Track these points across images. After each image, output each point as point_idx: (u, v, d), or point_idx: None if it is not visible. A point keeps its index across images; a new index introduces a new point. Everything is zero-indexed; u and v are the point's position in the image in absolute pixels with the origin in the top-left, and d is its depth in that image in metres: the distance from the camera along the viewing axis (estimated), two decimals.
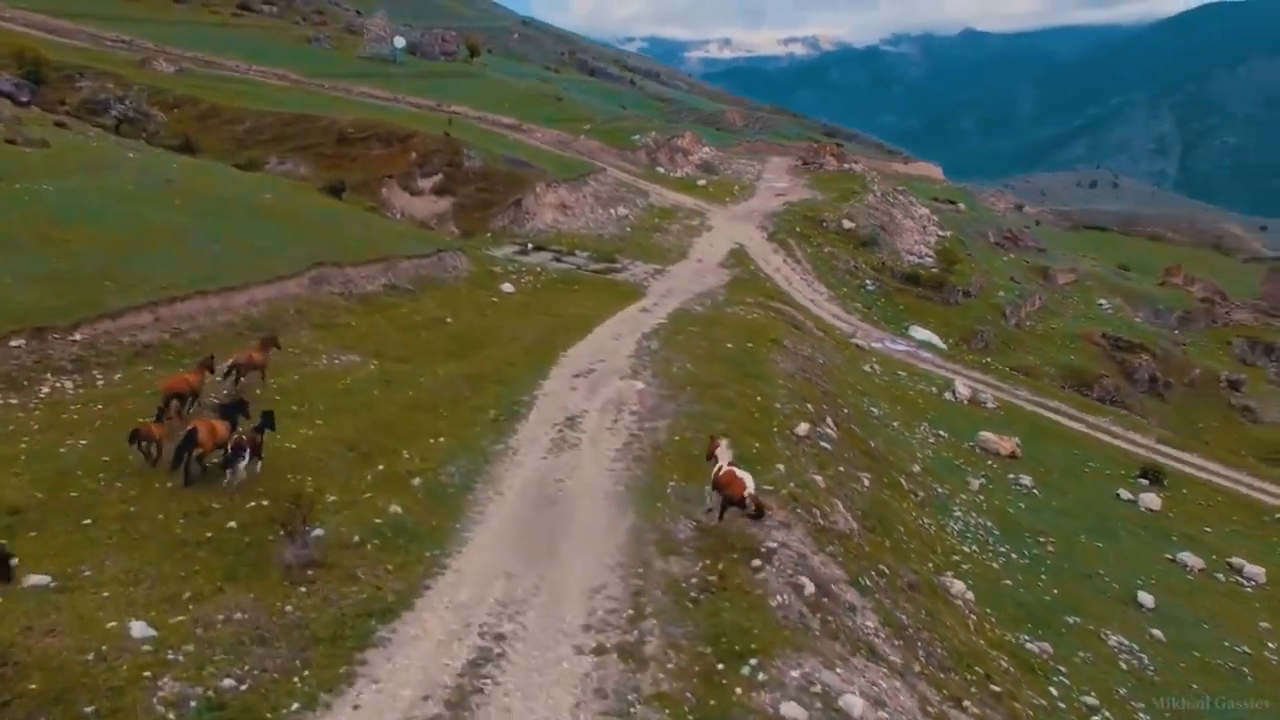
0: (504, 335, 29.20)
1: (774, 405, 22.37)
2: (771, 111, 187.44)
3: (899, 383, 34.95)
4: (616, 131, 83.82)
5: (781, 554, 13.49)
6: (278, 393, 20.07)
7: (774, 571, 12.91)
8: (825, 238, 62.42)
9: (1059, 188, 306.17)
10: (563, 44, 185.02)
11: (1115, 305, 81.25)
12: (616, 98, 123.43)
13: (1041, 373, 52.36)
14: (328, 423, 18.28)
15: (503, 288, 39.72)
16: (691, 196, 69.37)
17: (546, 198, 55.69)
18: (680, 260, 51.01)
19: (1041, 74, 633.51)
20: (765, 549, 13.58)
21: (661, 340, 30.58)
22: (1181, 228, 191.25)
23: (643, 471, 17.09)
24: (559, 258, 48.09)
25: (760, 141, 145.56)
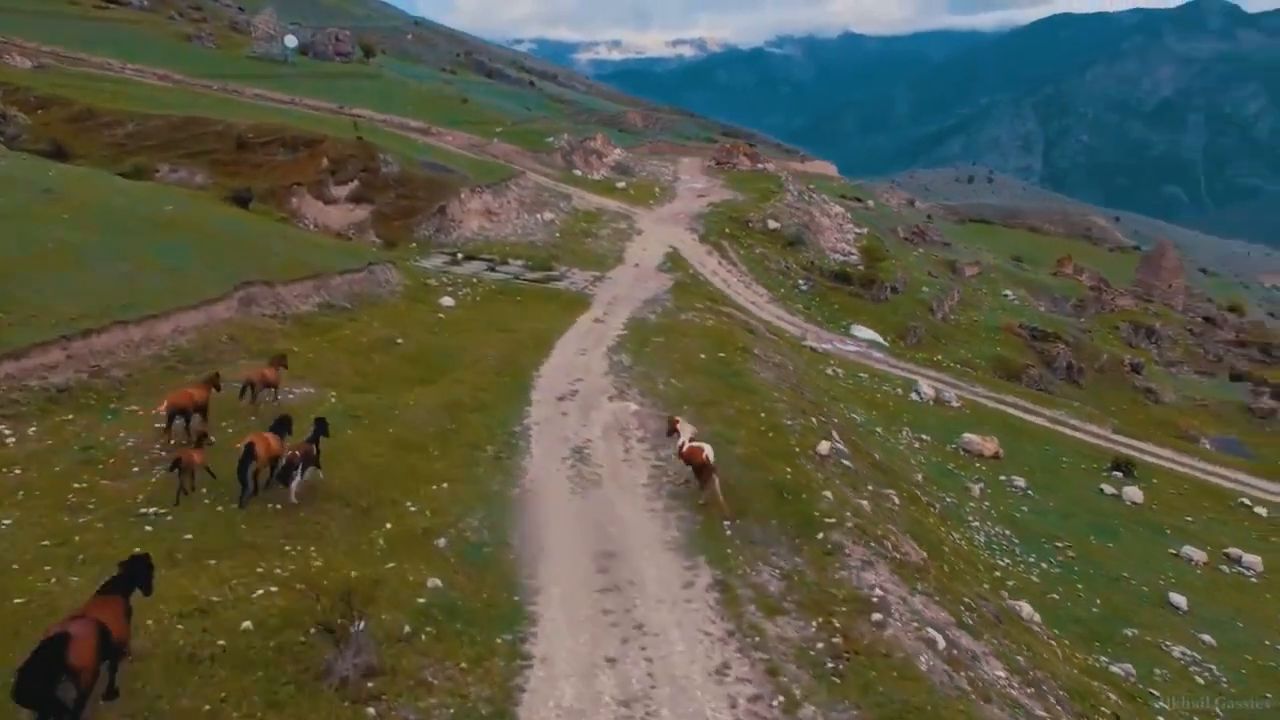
0: (464, 356, 26.84)
1: (782, 422, 21.10)
2: (670, 112, 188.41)
3: (865, 386, 34.48)
4: (529, 134, 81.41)
5: (894, 603, 12.12)
6: (236, 439, 17.29)
7: (899, 626, 11.54)
8: (754, 238, 62.11)
9: (940, 183, 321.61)
10: (457, 45, 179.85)
11: (1020, 296, 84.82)
12: (519, 99, 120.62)
13: (975, 365, 53.50)
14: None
15: (442, 302, 37.10)
16: (614, 199, 67.86)
17: (471, 204, 52.96)
18: (617, 265, 49.38)
19: (916, 76, 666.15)
20: (876, 598, 12.19)
21: (631, 354, 28.94)
22: (1056, 220, 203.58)
23: (688, 510, 15.42)
24: (493, 267, 45.64)
25: (662, 142, 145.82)
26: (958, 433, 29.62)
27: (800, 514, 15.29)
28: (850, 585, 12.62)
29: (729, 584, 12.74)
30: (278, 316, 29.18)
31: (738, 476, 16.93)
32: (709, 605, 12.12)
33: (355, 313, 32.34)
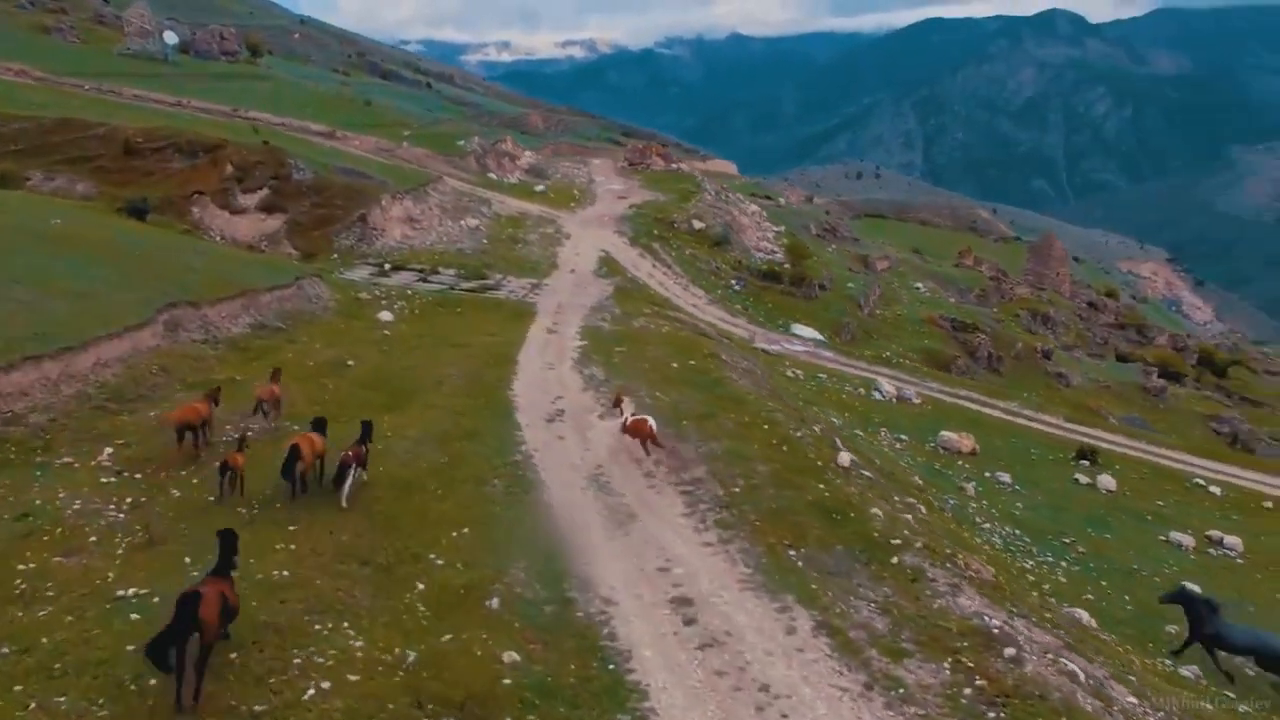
0: (425, 377, 24.72)
1: (789, 433, 20.16)
2: (569, 113, 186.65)
3: (827, 387, 34.15)
4: (438, 137, 78.30)
5: (1014, 634, 11.24)
6: (210, 491, 14.97)
7: (1034, 660, 10.66)
8: (682, 239, 61.39)
9: (830, 180, 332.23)
10: (348, 45, 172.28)
11: (930, 288, 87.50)
12: (420, 102, 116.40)
13: (908, 359, 54.48)
14: (302, 524, 13.65)
15: (381, 317, 34.58)
16: (535, 203, 65.88)
17: (393, 211, 50.02)
18: (553, 272, 47.63)
19: (802, 76, 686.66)
20: (995, 629, 11.29)
21: (601, 366, 27.50)
22: (944, 213, 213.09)
23: (747, 541, 14.20)
24: (425, 278, 43.10)
25: (564, 144, 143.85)
26: (932, 431, 29.57)
27: (860, 536, 14.36)
28: (955, 615, 11.75)
29: (835, 626, 11.62)
30: (209, 341, 26.24)
31: (774, 497, 15.87)
32: (826, 653, 10.97)
33: (291, 333, 29.58)
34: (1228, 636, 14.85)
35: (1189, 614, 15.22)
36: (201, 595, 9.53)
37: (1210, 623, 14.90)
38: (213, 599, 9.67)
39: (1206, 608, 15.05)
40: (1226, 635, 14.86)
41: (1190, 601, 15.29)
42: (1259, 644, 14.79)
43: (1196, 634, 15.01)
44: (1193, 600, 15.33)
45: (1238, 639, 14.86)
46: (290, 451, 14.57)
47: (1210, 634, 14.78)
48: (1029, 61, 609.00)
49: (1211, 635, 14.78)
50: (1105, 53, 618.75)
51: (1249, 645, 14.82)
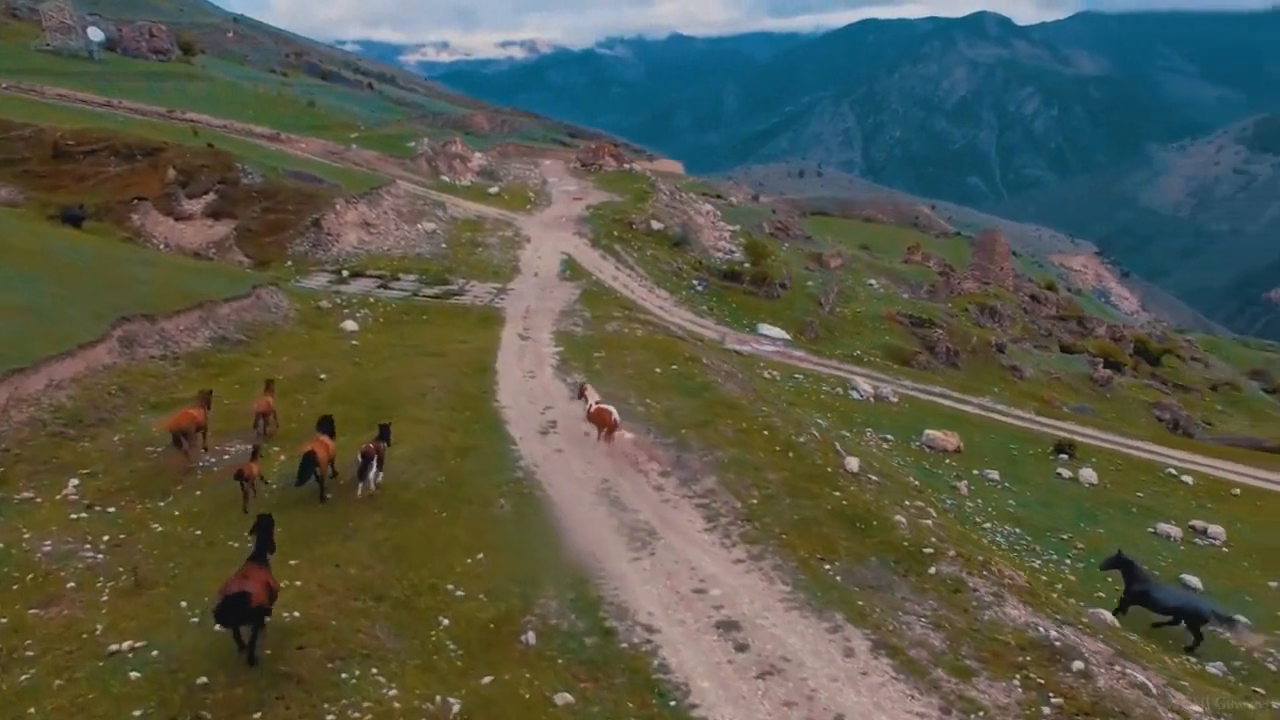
0: (404, 389, 23.63)
1: (792, 439, 19.74)
2: (514, 114, 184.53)
3: (805, 387, 33.92)
4: (388, 139, 76.32)
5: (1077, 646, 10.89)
6: (195, 524, 13.82)
7: (1103, 673, 10.31)
8: (641, 240, 60.80)
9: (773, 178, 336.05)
10: (284, 45, 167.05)
11: (883, 285, 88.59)
12: (363, 103, 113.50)
13: (872, 355, 54.87)
14: (305, 559, 12.63)
15: (345, 326, 33.23)
16: (491, 206, 64.60)
17: (347, 216, 48.29)
18: (516, 275, 46.59)
19: (743, 75, 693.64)
20: (1056, 642, 10.94)
21: (583, 373, 26.73)
22: (887, 210, 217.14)
23: (779, 557, 13.65)
24: (385, 284, 41.67)
25: (510, 145, 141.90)
26: (914, 430, 29.53)
27: (891, 546, 13.97)
28: (1008, 627, 11.41)
29: (892, 645, 11.15)
30: (168, 357, 24.68)
31: (794, 508, 15.39)
32: (892, 676, 10.48)
33: (254, 346, 28.11)
34: (1159, 597, 16.12)
35: (1126, 577, 16.49)
36: (250, 594, 10.21)
37: (1139, 584, 16.21)
38: (260, 591, 10.41)
39: (1133, 570, 16.35)
40: (1157, 596, 16.14)
41: (1127, 565, 16.51)
42: (1186, 605, 16.11)
43: (1130, 594, 16.23)
44: (1129, 564, 16.54)
45: (1167, 600, 16.14)
46: (306, 457, 14.87)
47: (1139, 592, 16.05)
48: (961, 61, 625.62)
49: (1140, 594, 16.04)
50: (1032, 54, 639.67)
51: (1177, 606, 16.07)
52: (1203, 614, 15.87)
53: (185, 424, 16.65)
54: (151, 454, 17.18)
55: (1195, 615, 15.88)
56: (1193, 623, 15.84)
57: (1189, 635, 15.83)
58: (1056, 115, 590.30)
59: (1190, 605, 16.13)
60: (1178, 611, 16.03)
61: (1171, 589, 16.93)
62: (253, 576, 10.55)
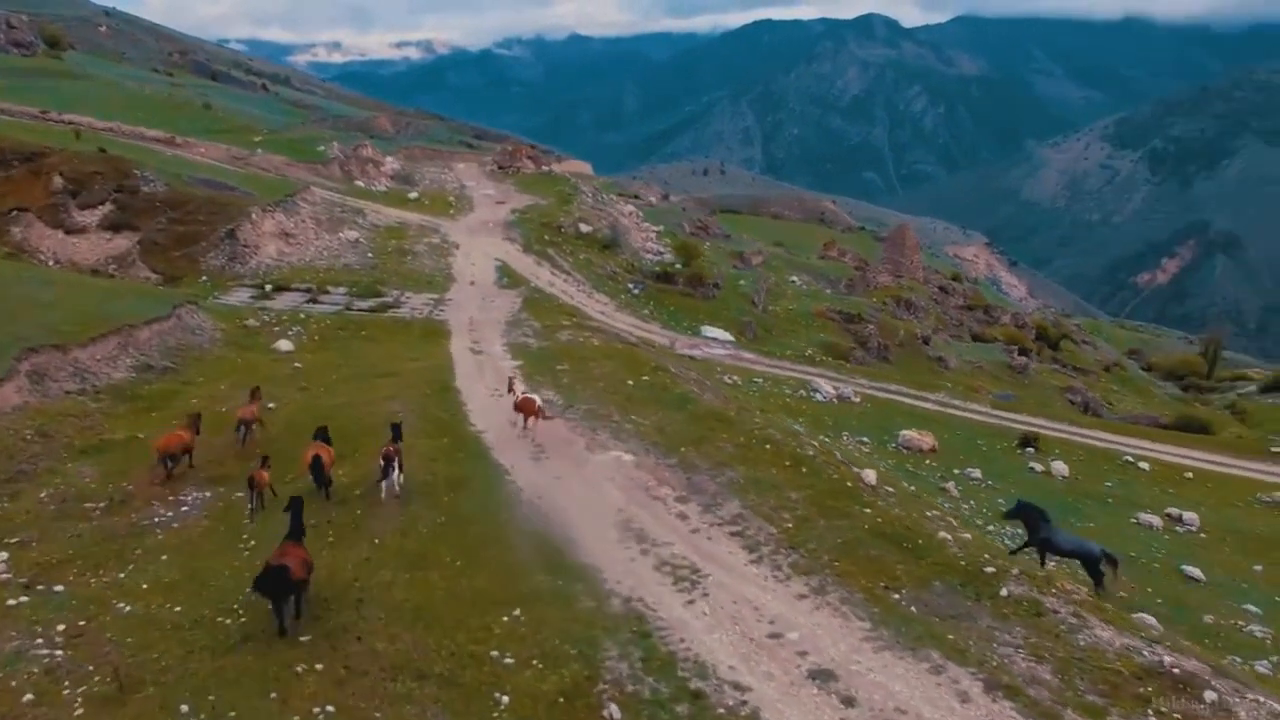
0: (366, 416, 21.65)
1: (800, 452, 18.89)
2: (418, 116, 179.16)
3: (768, 391, 33.32)
4: (295, 143, 72.10)
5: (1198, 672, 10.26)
6: (171, 598, 11.75)
7: (1240, 703, 9.69)
8: (572, 244, 59.27)
9: (678, 177, 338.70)
10: (165, 41, 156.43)
11: (805, 281, 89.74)
12: (261, 104, 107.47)
13: (810, 353, 55.09)
14: (317, 633, 10.84)
15: (279, 347, 30.62)
16: (412, 212, 61.77)
17: (265, 226, 44.95)
18: (451, 285, 44.40)
19: (642, 75, 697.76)
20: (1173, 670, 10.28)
21: (553, 388, 25.30)
22: (793, 206, 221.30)
23: (842, 588, 12.69)
24: (314, 298, 38.89)
25: (417, 148, 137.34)
26: (886, 430, 29.31)
27: (949, 567, 13.24)
28: (1109, 651, 10.79)
29: (1006, 684, 10.29)
30: (87, 392, 21.85)
31: (831, 530, 14.47)
32: None
33: (184, 373, 25.40)
34: (1057, 542, 17.06)
35: (1027, 524, 17.34)
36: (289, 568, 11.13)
37: (1043, 530, 16.95)
38: (298, 567, 11.35)
39: (1041, 518, 17.15)
40: (1056, 540, 17.05)
41: (1029, 512, 17.40)
42: (1081, 549, 17.08)
43: (1033, 540, 17.03)
44: (1030, 511, 17.42)
45: (1064, 544, 17.12)
46: (314, 462, 15.83)
47: (1043, 539, 16.81)
48: (853, 61, 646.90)
49: (1044, 541, 16.80)
50: (918, 54, 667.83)
51: (1073, 550, 17.12)
52: (1095, 555, 16.71)
53: (173, 446, 16.69)
54: (93, 512, 14.81)
55: (1088, 557, 16.76)
56: (1088, 564, 16.78)
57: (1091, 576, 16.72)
58: (943, 113, 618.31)
59: (1083, 549, 17.02)
60: (1074, 554, 17.09)
61: (1066, 534, 17.79)
62: (290, 553, 11.49)
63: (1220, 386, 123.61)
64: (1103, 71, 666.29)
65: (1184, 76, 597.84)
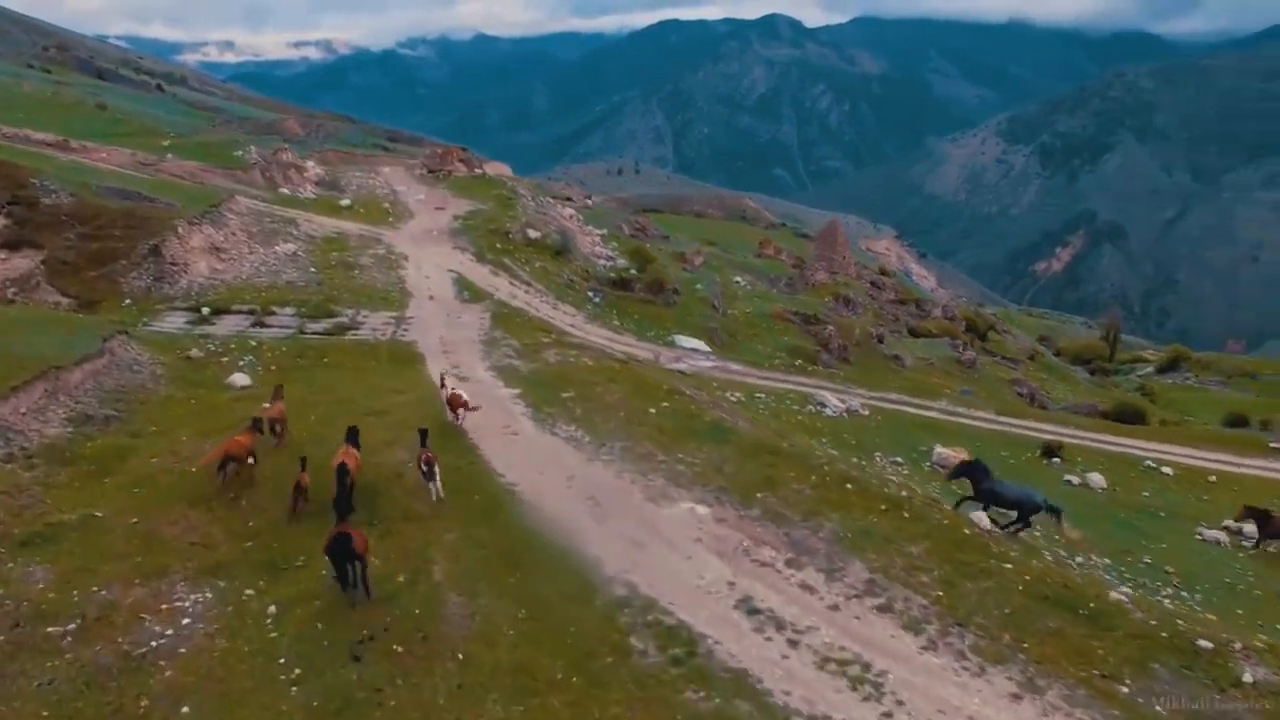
0: (371, 471, 18.37)
1: (889, 492, 16.76)
2: (329, 118, 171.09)
3: (776, 408, 31.21)
4: (209, 148, 66.29)
5: None
6: None
7: None
8: (524, 252, 55.99)
9: (593, 177, 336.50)
10: (36, 34, 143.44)
11: (749, 281, 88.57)
12: (159, 106, 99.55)
13: (777, 359, 53.53)
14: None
15: (234, 381, 26.71)
16: (348, 221, 57.31)
17: (193, 240, 40.21)
18: (409, 301, 40.78)
19: (551, 75, 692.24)
20: None
21: (567, 420, 22.58)
22: (714, 204, 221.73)
23: (1060, 685, 10.83)
24: (260, 321, 34.71)
25: (330, 151, 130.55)
26: (908, 445, 27.62)
27: (1149, 640, 11.42)
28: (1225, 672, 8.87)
29: None
30: (16, 458, 17.79)
31: (986, 597, 12.37)
32: None
33: (130, 422, 21.45)
34: (1001, 492, 18.06)
35: (971, 479, 18.36)
36: (349, 535, 12.96)
37: (987, 482, 18.07)
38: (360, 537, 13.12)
39: (983, 472, 18.30)
40: (1000, 491, 18.07)
41: (971, 469, 18.59)
42: (1023, 496, 17.98)
43: (978, 493, 18.05)
44: (973, 468, 18.58)
45: (1007, 494, 18.06)
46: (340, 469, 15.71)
47: (988, 490, 17.94)
48: (759, 61, 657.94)
49: (989, 492, 17.92)
50: (822, 54, 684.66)
51: (1015, 499, 17.98)
52: (1036, 504, 17.72)
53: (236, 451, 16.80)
54: (62, 639, 11.29)
55: (1030, 505, 17.70)
56: (1025, 511, 17.75)
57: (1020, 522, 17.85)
58: (848, 110, 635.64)
59: (1027, 497, 17.91)
60: (1017, 504, 17.90)
61: (1010, 484, 18.75)
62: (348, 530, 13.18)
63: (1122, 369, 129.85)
64: (992, 71, 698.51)
65: (1065, 77, 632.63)
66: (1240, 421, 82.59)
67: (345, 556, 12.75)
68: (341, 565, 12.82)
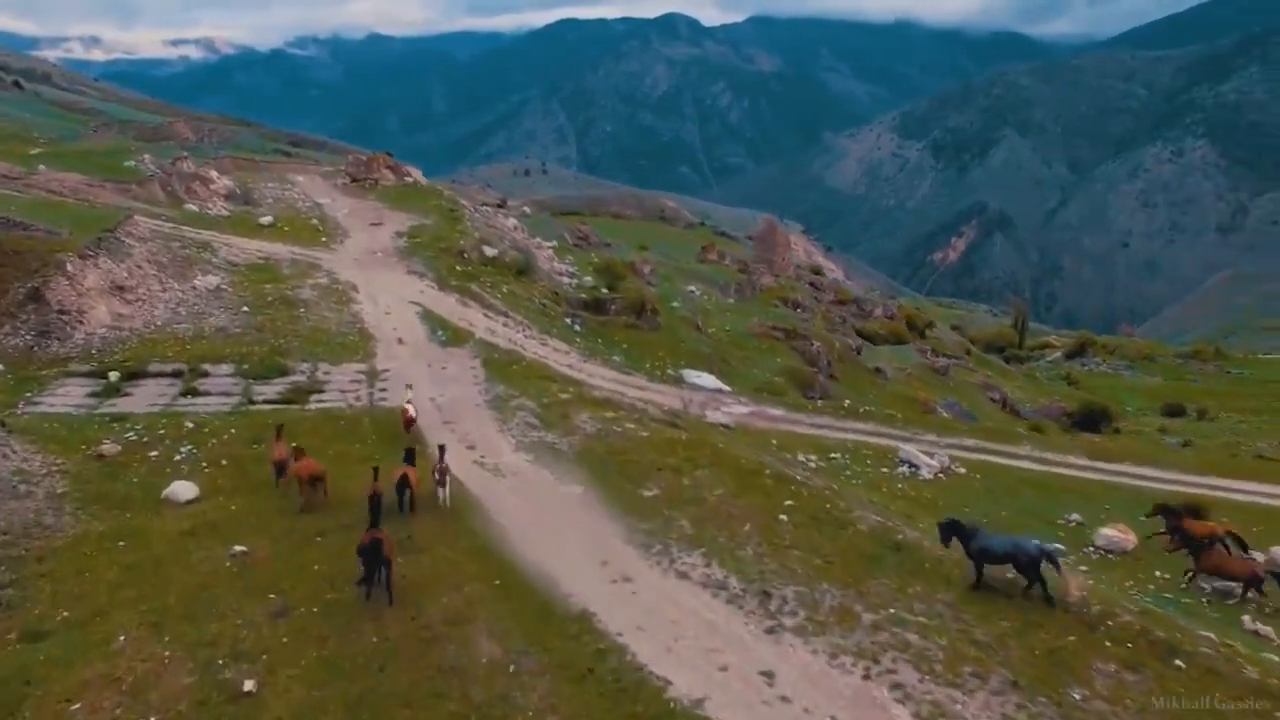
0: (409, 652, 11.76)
1: (1168, 637, 11.25)
2: (221, 121, 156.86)
3: (861, 473, 25.70)
4: (93, 157, 56.08)
5: None
6: None
7: None
8: (486, 273, 48.72)
9: (499, 178, 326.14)
10: None
11: (703, 290, 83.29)
12: (21, 106, 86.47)
13: (775, 386, 48.40)
14: None
15: (175, 495, 19.34)
16: (273, 242, 48.78)
17: (88, 279, 31.51)
18: (375, 346, 33.35)
19: (448, 75, 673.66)
20: None
21: (696, 551, 16.34)
22: (632, 204, 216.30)
23: None
24: (190, 387, 26.75)
25: (227, 158, 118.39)
26: (1049, 519, 22.58)
27: None
28: None
29: None
30: None
31: None
32: None
33: (22, 606, 13.91)
34: (991, 547, 16.19)
35: (960, 539, 16.54)
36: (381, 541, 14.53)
37: (976, 540, 16.23)
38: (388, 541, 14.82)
39: (967, 531, 16.47)
40: (990, 546, 16.19)
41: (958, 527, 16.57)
42: (1016, 549, 16.05)
43: (970, 554, 16.25)
44: (959, 526, 16.60)
45: (998, 548, 16.20)
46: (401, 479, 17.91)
47: (979, 549, 16.13)
48: (659, 59, 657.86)
49: (980, 550, 16.12)
50: (720, 52, 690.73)
51: (1008, 552, 16.13)
52: (1031, 554, 15.79)
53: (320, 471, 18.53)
54: None
55: (1025, 557, 15.83)
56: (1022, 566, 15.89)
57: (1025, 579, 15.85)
58: (747, 108, 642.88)
59: (1018, 548, 16.06)
60: (1010, 559, 16.10)
61: (1001, 537, 16.81)
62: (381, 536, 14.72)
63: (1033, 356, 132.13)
64: (882, 69, 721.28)
65: (949, 75, 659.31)
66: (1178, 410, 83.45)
67: (376, 559, 14.24)
68: (372, 567, 14.24)
